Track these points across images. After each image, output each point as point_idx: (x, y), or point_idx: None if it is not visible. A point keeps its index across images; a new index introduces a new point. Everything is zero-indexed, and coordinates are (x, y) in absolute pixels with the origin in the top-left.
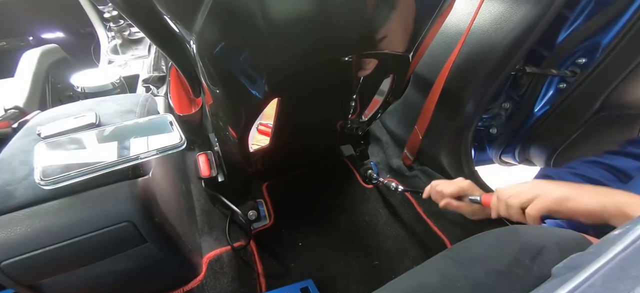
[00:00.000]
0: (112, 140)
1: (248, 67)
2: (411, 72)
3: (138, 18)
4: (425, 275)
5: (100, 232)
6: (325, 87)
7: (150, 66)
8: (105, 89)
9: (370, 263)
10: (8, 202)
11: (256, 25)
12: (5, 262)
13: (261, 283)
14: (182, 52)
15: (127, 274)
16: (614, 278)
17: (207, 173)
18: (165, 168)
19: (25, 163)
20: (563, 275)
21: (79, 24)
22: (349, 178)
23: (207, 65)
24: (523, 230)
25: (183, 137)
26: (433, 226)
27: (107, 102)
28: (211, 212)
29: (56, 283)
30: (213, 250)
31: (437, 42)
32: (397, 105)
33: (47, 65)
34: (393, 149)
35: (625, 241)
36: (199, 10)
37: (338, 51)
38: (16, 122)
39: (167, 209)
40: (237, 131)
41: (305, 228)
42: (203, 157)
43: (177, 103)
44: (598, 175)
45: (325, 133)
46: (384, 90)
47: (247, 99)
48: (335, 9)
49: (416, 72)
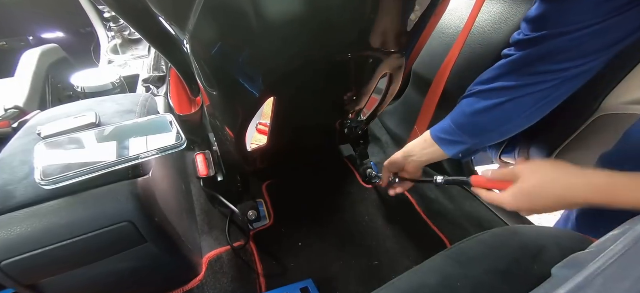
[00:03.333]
0: (112, 140)
1: (243, 67)
2: (408, 71)
3: (133, 19)
4: (425, 275)
5: (100, 232)
6: (321, 86)
7: (150, 66)
8: (105, 89)
9: (370, 263)
10: (8, 201)
11: (249, 24)
12: (5, 262)
13: (261, 283)
14: (178, 53)
15: (127, 274)
16: (614, 278)
17: (205, 173)
18: (165, 168)
19: (25, 163)
20: (563, 275)
21: (79, 24)
22: (348, 178)
23: (201, 66)
24: (523, 230)
25: (183, 137)
26: (433, 226)
27: (107, 102)
28: (211, 212)
29: (56, 283)
30: (213, 250)
31: (437, 42)
32: (397, 105)
33: (47, 65)
34: (393, 149)
35: (625, 241)
36: (191, 10)
37: (332, 50)
38: (16, 122)
39: (167, 209)
40: (234, 131)
41: (305, 228)
42: (201, 157)
43: (177, 103)
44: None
45: (323, 132)
46: (382, 90)
47: (242, 98)
48: (329, 8)
49: (416, 72)
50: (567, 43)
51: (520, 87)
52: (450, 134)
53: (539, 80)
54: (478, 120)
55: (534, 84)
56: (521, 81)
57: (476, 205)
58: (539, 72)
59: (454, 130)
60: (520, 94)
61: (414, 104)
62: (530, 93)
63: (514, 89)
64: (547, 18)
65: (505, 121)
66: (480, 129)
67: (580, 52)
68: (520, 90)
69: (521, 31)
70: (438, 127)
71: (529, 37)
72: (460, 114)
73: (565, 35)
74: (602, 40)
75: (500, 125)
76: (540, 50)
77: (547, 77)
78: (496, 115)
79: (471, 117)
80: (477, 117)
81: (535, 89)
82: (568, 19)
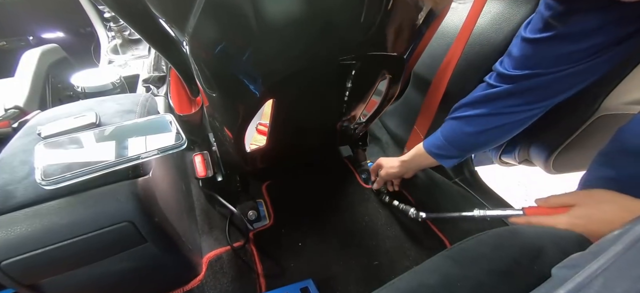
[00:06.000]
0: (112, 140)
1: (242, 69)
2: (408, 73)
3: (133, 19)
4: (425, 275)
5: (101, 231)
6: (321, 88)
7: (150, 66)
8: (106, 88)
9: (370, 263)
10: (8, 201)
11: (249, 26)
12: (5, 261)
13: (261, 283)
14: (178, 53)
15: (127, 274)
16: (614, 278)
17: (203, 173)
18: (165, 168)
19: (25, 163)
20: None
21: (79, 24)
22: (348, 178)
23: (200, 66)
24: (523, 230)
25: (183, 137)
26: (433, 226)
27: (107, 102)
28: (211, 212)
29: (56, 283)
30: (213, 250)
31: (437, 43)
32: (397, 105)
33: (47, 65)
34: (393, 149)
35: (625, 241)
36: (191, 12)
37: (333, 53)
38: (16, 122)
39: (167, 209)
40: (232, 131)
41: (305, 228)
42: (199, 157)
43: (177, 103)
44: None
45: (323, 133)
46: (382, 91)
47: (241, 99)
48: (330, 9)
49: (416, 72)
50: (543, 83)
51: (505, 115)
52: (443, 149)
53: (521, 109)
54: (469, 139)
55: (517, 112)
56: (506, 109)
57: (476, 205)
58: (520, 104)
59: (446, 145)
60: (507, 120)
61: (414, 104)
62: (516, 119)
63: (499, 115)
64: (528, 58)
65: (495, 139)
66: (471, 145)
67: (555, 90)
68: (506, 117)
69: (503, 63)
70: (431, 141)
71: (511, 74)
72: (450, 132)
73: (542, 76)
74: (572, 80)
75: (491, 143)
76: (519, 86)
77: (530, 106)
78: (485, 138)
79: (462, 136)
80: (467, 137)
81: (518, 116)
82: (545, 62)
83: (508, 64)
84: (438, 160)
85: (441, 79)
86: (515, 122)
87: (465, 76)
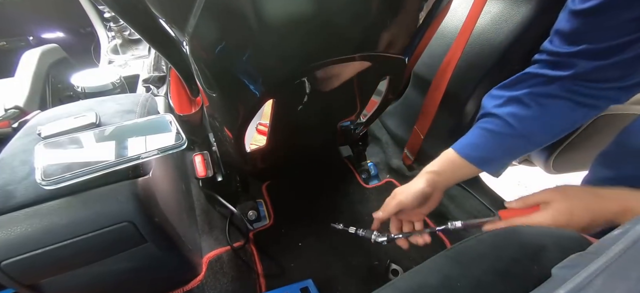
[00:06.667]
0: (112, 140)
1: (242, 69)
2: (408, 73)
3: (132, 19)
4: (425, 275)
5: (101, 231)
6: (321, 89)
7: (150, 66)
8: (106, 89)
9: (370, 263)
10: (8, 201)
11: (249, 26)
12: (5, 261)
13: (261, 283)
14: (178, 53)
15: (127, 274)
16: (614, 278)
17: (203, 173)
18: (165, 168)
19: (25, 163)
20: (563, 275)
21: (79, 24)
22: (348, 178)
23: (200, 67)
24: (523, 230)
25: (183, 137)
26: (432, 226)
27: (108, 102)
28: (211, 212)
29: (56, 283)
30: (213, 250)
31: (437, 42)
32: (397, 105)
33: (47, 65)
34: (393, 149)
35: (625, 241)
36: (191, 12)
37: (333, 53)
38: (16, 122)
39: (167, 209)
40: (232, 132)
41: (305, 228)
42: (199, 157)
43: (177, 103)
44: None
45: (323, 133)
46: (382, 91)
47: (241, 100)
48: (330, 10)
49: (416, 72)
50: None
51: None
52: (485, 151)
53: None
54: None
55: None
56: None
57: (476, 205)
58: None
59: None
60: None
61: (414, 104)
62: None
63: (559, 98)
64: (582, 31)
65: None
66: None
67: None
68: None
69: (552, 41)
70: (465, 143)
71: (567, 51)
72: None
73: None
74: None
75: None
76: (580, 67)
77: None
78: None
79: (519, 122)
80: (522, 122)
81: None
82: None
83: (559, 42)
84: (480, 167)
85: (441, 79)
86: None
87: (466, 76)
